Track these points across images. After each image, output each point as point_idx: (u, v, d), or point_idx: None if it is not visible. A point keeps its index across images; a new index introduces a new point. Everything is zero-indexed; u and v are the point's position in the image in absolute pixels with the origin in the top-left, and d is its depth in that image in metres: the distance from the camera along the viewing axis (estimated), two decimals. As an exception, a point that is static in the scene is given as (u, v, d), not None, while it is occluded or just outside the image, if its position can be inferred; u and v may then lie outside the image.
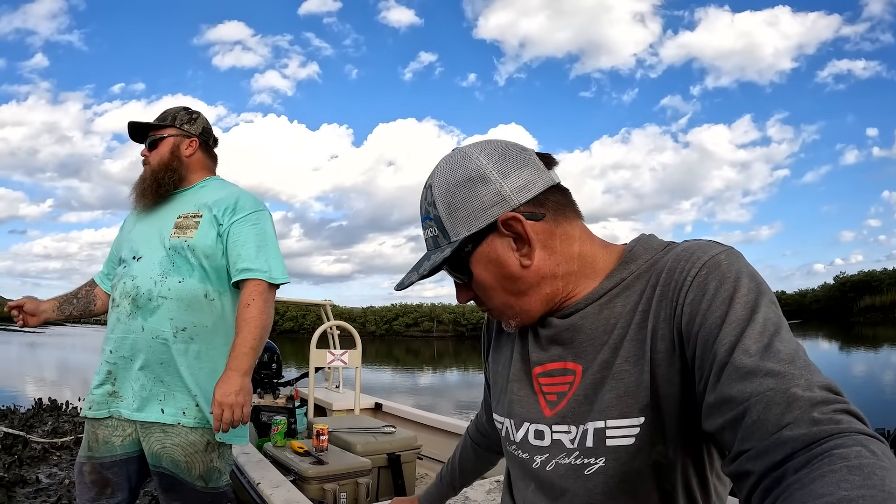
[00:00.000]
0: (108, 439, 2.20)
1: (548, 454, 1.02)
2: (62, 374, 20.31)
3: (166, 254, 2.25)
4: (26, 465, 6.11)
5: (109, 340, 2.26)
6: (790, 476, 0.63)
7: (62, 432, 7.67)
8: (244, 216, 2.31)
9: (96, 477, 2.19)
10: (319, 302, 6.92)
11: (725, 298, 0.83)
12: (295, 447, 3.55)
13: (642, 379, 0.91)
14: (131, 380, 2.21)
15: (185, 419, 2.18)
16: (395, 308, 59.69)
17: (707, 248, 0.91)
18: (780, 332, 0.78)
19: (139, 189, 2.40)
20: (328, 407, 5.54)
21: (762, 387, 0.72)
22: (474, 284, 1.06)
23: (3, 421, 8.42)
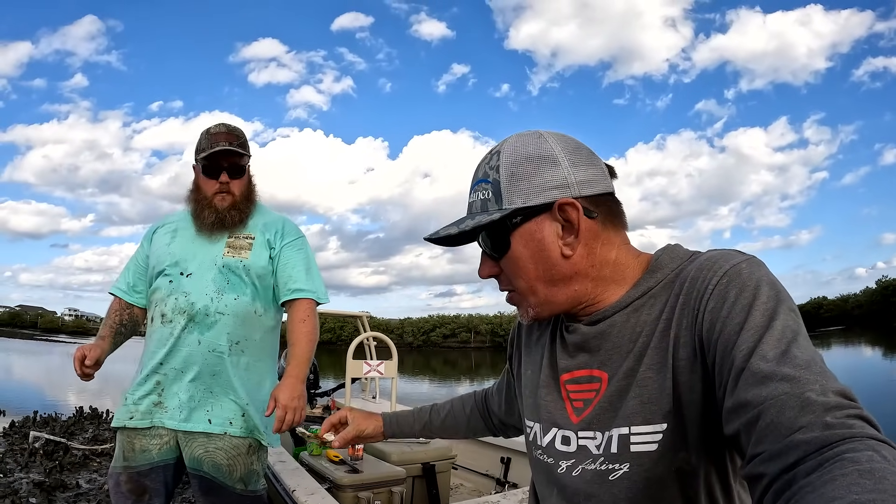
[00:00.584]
0: (146, 448, 2.25)
1: (574, 460, 1.03)
2: (102, 383, 20.58)
3: (219, 271, 2.34)
4: (67, 471, 6.22)
5: (156, 353, 2.29)
6: (801, 479, 0.63)
7: (102, 439, 7.80)
8: (292, 241, 2.48)
9: (134, 485, 2.24)
10: (356, 314, 6.97)
11: (745, 306, 0.84)
12: (330, 456, 3.56)
13: (665, 386, 0.92)
14: (179, 391, 2.27)
15: (232, 429, 2.27)
16: (432, 319, 59.85)
17: (729, 258, 0.92)
18: (798, 339, 0.79)
19: (215, 218, 2.37)
20: None
21: (777, 391, 0.72)
22: (506, 260, 1.04)
23: (45, 428, 8.58)
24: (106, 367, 2.43)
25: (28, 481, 5.65)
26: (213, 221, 2.36)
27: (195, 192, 2.44)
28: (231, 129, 2.41)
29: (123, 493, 2.24)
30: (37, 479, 5.73)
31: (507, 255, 1.03)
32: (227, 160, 2.36)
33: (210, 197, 2.37)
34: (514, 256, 1.03)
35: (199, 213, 2.39)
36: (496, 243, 1.04)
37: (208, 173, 2.37)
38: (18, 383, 19.22)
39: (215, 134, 2.37)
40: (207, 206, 2.37)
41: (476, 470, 4.37)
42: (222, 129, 2.40)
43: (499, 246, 1.04)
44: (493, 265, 1.07)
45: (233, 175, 2.38)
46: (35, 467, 6.29)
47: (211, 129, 2.41)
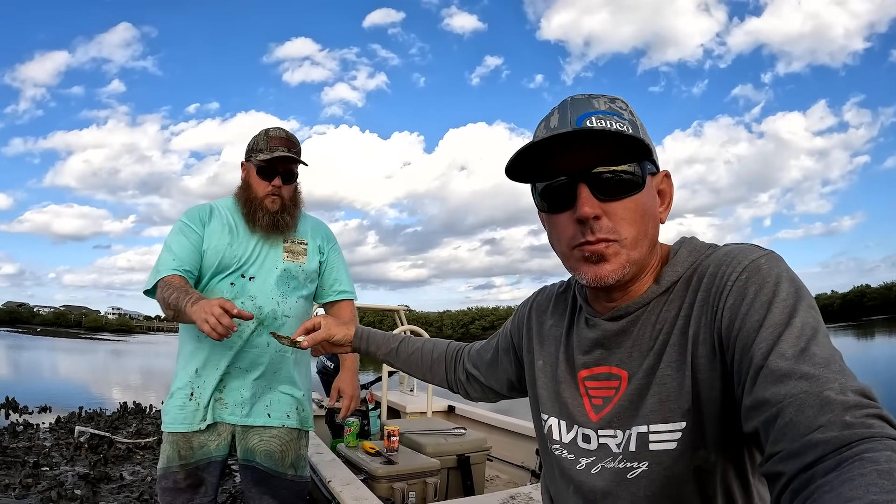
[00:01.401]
0: (204, 444, 2.36)
1: (594, 458, 1.02)
2: (146, 379, 20.97)
3: (281, 275, 2.44)
4: (111, 464, 6.35)
5: (224, 354, 2.33)
6: (819, 478, 0.62)
7: (145, 433, 7.94)
8: (333, 245, 2.67)
9: (192, 480, 2.33)
10: (394, 307, 7.00)
11: (764, 302, 0.83)
12: (367, 448, 3.58)
13: (684, 384, 0.92)
14: (242, 389, 2.38)
15: (289, 421, 2.43)
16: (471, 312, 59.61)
17: (748, 252, 0.92)
18: (817, 336, 0.78)
19: (269, 220, 2.40)
20: (402, 409, 5.58)
21: (796, 389, 0.72)
22: (626, 203, 0.95)
23: (90, 423, 8.76)
24: (148, 363, 2.47)
25: (73, 474, 5.79)
26: (267, 224, 2.40)
27: (245, 191, 2.44)
28: (290, 136, 2.45)
29: (181, 488, 2.32)
30: (82, 471, 5.87)
31: (631, 198, 0.95)
32: (283, 166, 2.40)
33: (261, 198, 2.40)
34: (640, 202, 0.96)
35: (250, 212, 2.41)
36: (631, 179, 0.96)
37: (263, 175, 2.39)
38: (64, 380, 19.62)
39: (275, 138, 2.41)
40: (259, 208, 2.40)
41: (511, 461, 4.36)
42: (282, 134, 2.44)
43: (631, 183, 0.96)
44: (598, 204, 0.95)
45: (286, 181, 2.41)
46: (80, 460, 6.44)
47: (270, 131, 2.44)
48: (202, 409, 2.33)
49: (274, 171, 2.38)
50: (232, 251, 2.38)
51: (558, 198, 0.98)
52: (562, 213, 0.99)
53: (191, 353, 2.40)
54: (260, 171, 2.39)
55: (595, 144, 0.94)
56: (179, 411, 2.33)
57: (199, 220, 2.42)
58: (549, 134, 0.93)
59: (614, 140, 0.93)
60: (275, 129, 2.45)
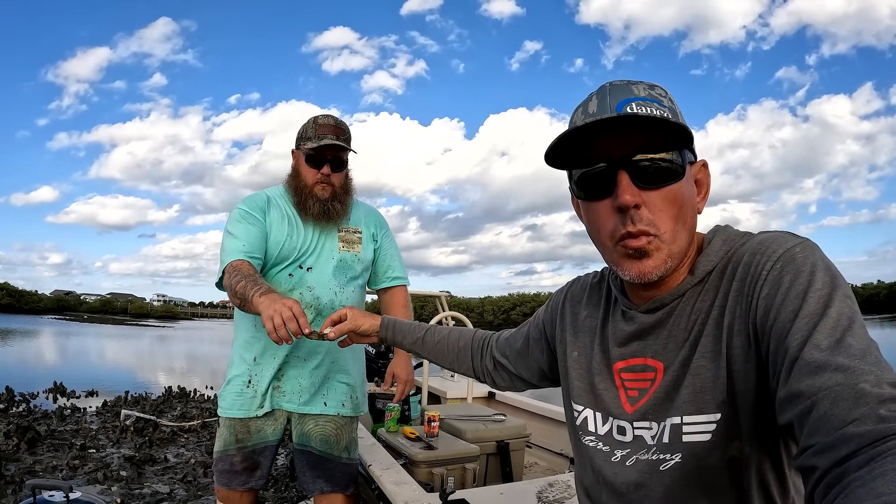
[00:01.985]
0: (261, 428, 2.42)
1: (629, 450, 1.02)
2: (190, 364, 21.33)
3: (337, 265, 2.46)
4: (156, 446, 6.47)
5: (284, 345, 2.23)
6: (852, 472, 0.61)
7: (190, 417, 8.08)
8: (386, 232, 2.67)
9: (249, 463, 2.40)
10: (435, 293, 7.01)
11: (800, 293, 0.82)
12: (407, 433, 3.60)
13: (719, 375, 0.91)
14: (300, 377, 2.42)
15: (344, 409, 2.48)
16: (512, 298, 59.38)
17: (782, 241, 0.90)
18: (853, 327, 0.76)
19: (320, 208, 2.41)
20: (442, 395, 5.59)
21: (830, 381, 0.70)
22: (664, 193, 0.93)
23: (136, 407, 8.95)
24: (193, 349, 2.51)
25: (119, 456, 5.91)
26: (318, 212, 2.41)
27: (295, 179, 2.45)
28: (339, 123, 2.44)
29: (237, 470, 2.38)
30: (127, 453, 5.99)
31: (670, 187, 0.94)
32: (332, 153, 2.40)
33: (311, 186, 2.40)
34: (679, 192, 0.94)
35: (301, 201, 2.42)
36: (671, 167, 0.94)
37: (312, 163, 2.40)
38: (111, 365, 20.04)
39: (323, 126, 2.41)
40: (310, 196, 2.41)
41: (550, 448, 4.34)
42: (330, 121, 2.43)
43: (672, 171, 0.94)
44: (637, 192, 0.93)
45: (335, 168, 2.41)
46: (126, 443, 6.58)
47: (319, 118, 2.44)
48: (259, 396, 2.38)
49: (322, 159, 2.39)
50: (291, 242, 2.40)
51: (597, 185, 0.97)
52: (600, 202, 0.97)
53: (248, 341, 2.43)
54: (309, 159, 2.40)
55: (635, 131, 0.92)
56: (237, 398, 2.39)
57: (260, 209, 2.40)
58: (590, 119, 0.92)
59: (655, 127, 0.91)
60: (323, 117, 2.45)
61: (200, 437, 6.99)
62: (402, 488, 2.48)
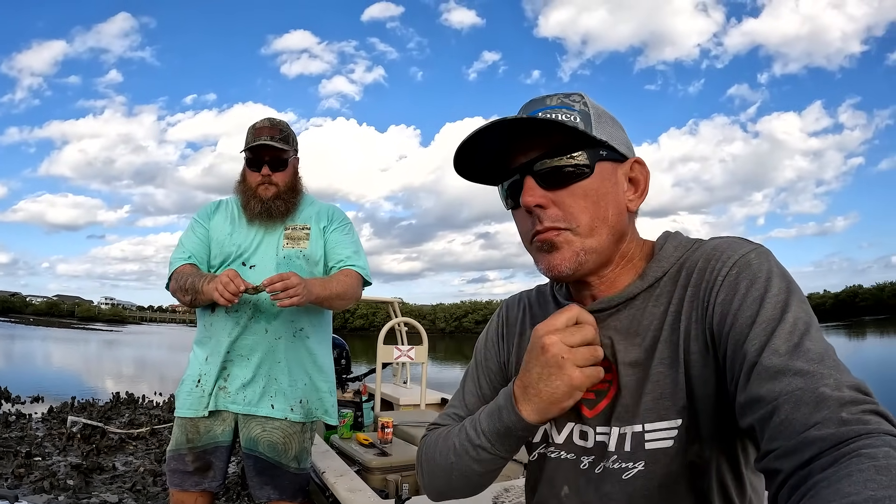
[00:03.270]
0: (210, 429, 2.42)
1: (594, 456, 0.99)
2: (138, 369, 20.95)
3: (280, 262, 2.45)
4: (103, 454, 6.34)
5: (222, 342, 2.40)
6: (817, 474, 0.62)
7: (138, 424, 7.93)
8: (339, 225, 2.61)
9: (201, 463, 2.39)
10: (388, 299, 6.99)
11: (756, 298, 0.83)
12: (360, 439, 3.60)
13: (678, 381, 0.92)
14: (243, 376, 2.41)
15: (293, 415, 2.43)
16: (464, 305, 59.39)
17: (737, 247, 0.92)
18: (810, 331, 0.78)
19: (261, 208, 2.46)
20: (395, 402, 5.59)
21: (791, 386, 0.72)
22: (574, 189, 0.94)
23: (83, 413, 8.75)
24: (141, 354, 2.49)
25: (66, 464, 5.78)
26: (259, 211, 2.46)
27: (241, 183, 2.54)
28: (274, 124, 2.51)
29: (189, 470, 2.38)
30: (74, 461, 5.86)
31: (578, 185, 0.94)
32: (269, 154, 2.46)
33: (254, 187, 2.47)
34: (590, 188, 0.95)
35: (246, 202, 2.50)
36: (575, 167, 0.94)
37: (251, 165, 2.49)
38: (57, 370, 19.56)
39: (259, 128, 2.48)
40: (253, 197, 2.47)
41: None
42: (266, 123, 2.51)
43: (577, 171, 0.94)
44: (543, 193, 0.94)
45: (274, 168, 2.47)
46: (73, 451, 6.43)
47: (256, 123, 2.52)
48: (206, 395, 2.39)
49: (260, 160, 2.46)
50: (232, 240, 2.48)
51: (514, 194, 1.00)
52: (518, 209, 1.01)
53: (200, 340, 2.49)
54: (249, 163, 2.49)
55: (539, 137, 0.95)
56: (187, 397, 2.41)
57: (207, 216, 2.57)
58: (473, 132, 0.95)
59: (560, 132, 0.93)
60: (261, 121, 2.54)
61: (149, 445, 6.87)
62: (356, 495, 2.49)
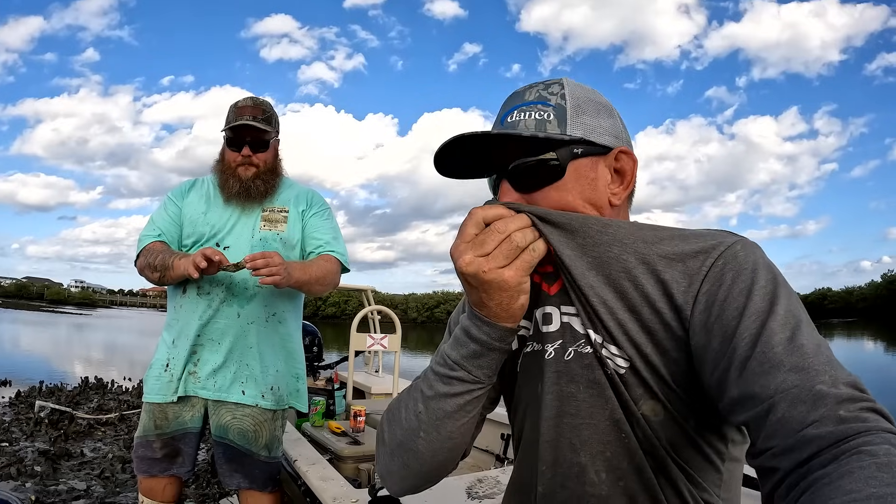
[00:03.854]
0: (179, 415, 2.37)
1: (561, 340, 0.95)
2: (108, 354, 20.75)
3: (256, 244, 2.40)
4: (71, 440, 6.27)
5: (191, 325, 2.35)
6: (816, 471, 0.62)
7: (107, 409, 7.87)
8: (318, 210, 2.57)
9: (169, 449, 2.35)
10: (362, 287, 6.95)
11: (743, 290, 0.81)
12: (332, 427, 3.59)
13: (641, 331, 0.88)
14: (213, 361, 2.36)
15: (264, 402, 2.39)
16: (436, 295, 59.33)
17: (721, 238, 0.90)
18: (801, 325, 0.76)
19: (240, 187, 2.41)
20: (367, 390, 5.58)
21: (786, 383, 0.70)
22: (549, 191, 0.93)
23: (51, 398, 8.66)
24: (111, 338, 2.45)
25: (33, 450, 5.71)
26: (238, 191, 2.41)
27: (220, 163, 2.49)
28: (258, 104, 2.47)
29: (157, 457, 2.34)
30: (42, 447, 5.79)
31: (551, 186, 0.93)
32: (250, 134, 2.41)
33: (234, 167, 2.43)
34: (565, 188, 0.93)
35: (224, 182, 2.44)
36: (546, 170, 0.93)
37: (232, 145, 2.44)
38: (25, 354, 19.31)
39: (241, 107, 2.44)
40: (232, 176, 2.42)
41: (476, 445, 4.38)
42: (249, 102, 2.47)
43: (548, 173, 0.93)
44: (518, 197, 0.94)
45: (255, 149, 2.43)
46: (40, 436, 6.35)
47: (238, 102, 2.48)
48: (175, 380, 2.34)
49: (241, 140, 2.41)
50: (206, 219, 2.42)
51: (495, 193, 1.01)
52: None
53: (169, 323, 2.45)
54: (229, 142, 2.44)
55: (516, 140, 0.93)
56: (156, 382, 2.36)
57: (181, 193, 2.51)
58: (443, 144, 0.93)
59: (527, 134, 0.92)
60: (243, 100, 2.49)
61: (118, 431, 6.81)
62: (329, 484, 2.47)
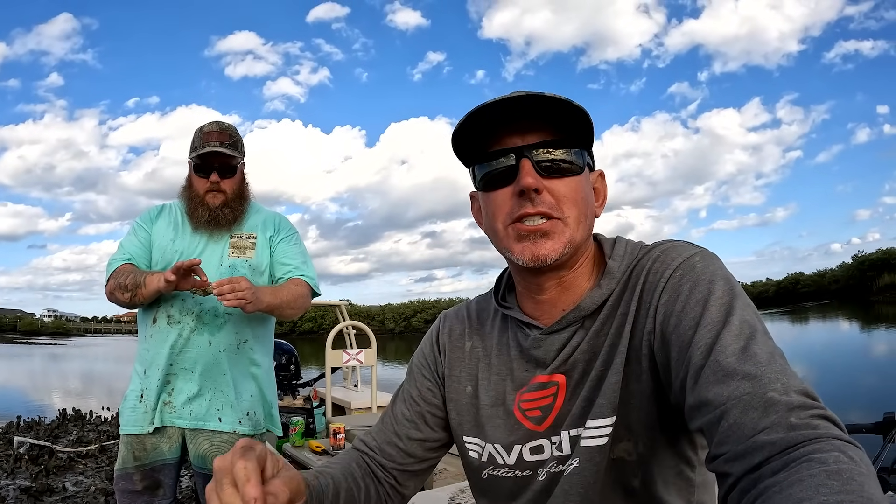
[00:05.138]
0: (157, 446, 2.33)
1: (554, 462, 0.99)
2: (85, 383, 20.50)
3: (225, 271, 2.37)
4: (53, 475, 6.20)
5: (161, 354, 2.31)
6: (767, 478, 0.63)
7: (87, 441, 7.77)
8: (287, 235, 2.54)
9: (150, 482, 2.31)
10: (335, 302, 6.97)
11: (700, 300, 0.84)
12: (313, 446, 3.61)
13: (615, 380, 0.92)
14: (188, 390, 2.33)
15: (241, 427, 2.36)
16: (413, 304, 58.97)
17: (681, 250, 0.93)
18: (756, 335, 0.78)
19: (209, 216, 2.39)
20: (347, 406, 5.57)
21: (739, 390, 0.72)
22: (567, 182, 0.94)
23: (29, 432, 8.53)
24: (88, 367, 2.44)
25: (14, 487, 5.64)
26: (207, 219, 2.38)
27: (188, 190, 2.45)
28: (224, 129, 2.43)
29: (138, 490, 2.30)
30: (23, 484, 5.72)
31: (571, 178, 0.95)
32: (218, 160, 2.38)
33: (202, 195, 2.39)
34: (579, 185, 0.96)
35: (192, 210, 2.41)
36: (570, 162, 0.95)
37: (199, 172, 2.40)
38: (1, 388, 19.03)
39: (208, 133, 2.40)
40: (200, 204, 2.39)
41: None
42: (215, 128, 2.42)
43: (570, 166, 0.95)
44: (539, 178, 0.93)
45: (223, 175, 2.40)
46: (21, 473, 6.27)
47: (204, 127, 2.44)
48: (150, 411, 2.31)
49: (209, 167, 2.38)
50: (174, 247, 2.39)
51: (500, 175, 0.96)
52: (500, 189, 0.96)
53: (140, 353, 2.40)
54: (197, 169, 2.40)
55: (540, 123, 0.94)
56: (131, 413, 2.33)
57: (150, 219, 2.48)
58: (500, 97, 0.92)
59: (557, 124, 0.94)
60: (209, 124, 2.45)
61: (99, 463, 6.75)
62: None
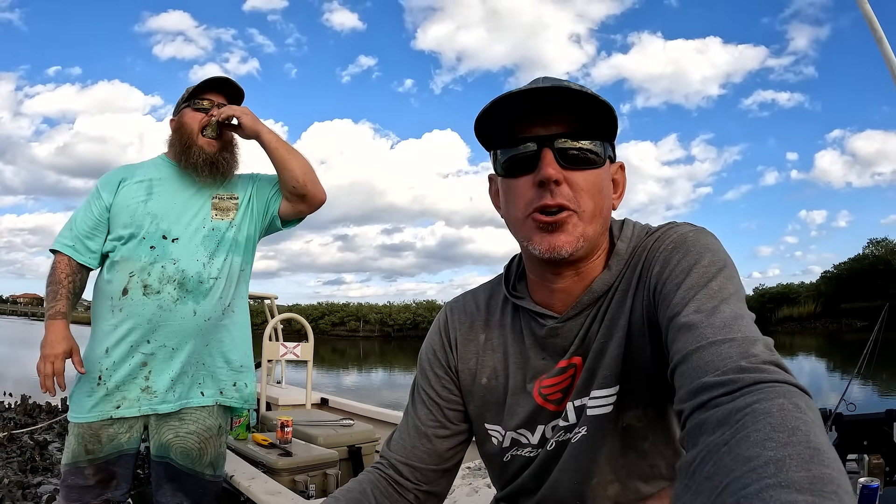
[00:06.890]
0: (115, 437, 2.17)
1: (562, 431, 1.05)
2: None
3: (207, 234, 2.25)
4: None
5: (136, 330, 2.15)
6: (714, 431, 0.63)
7: None
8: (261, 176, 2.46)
9: (103, 475, 2.16)
10: (268, 295, 6.83)
11: (685, 268, 0.89)
12: (258, 440, 3.57)
13: (617, 352, 0.99)
14: (172, 371, 2.18)
15: (223, 398, 2.27)
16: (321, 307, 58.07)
17: (679, 228, 0.99)
18: (730, 298, 0.83)
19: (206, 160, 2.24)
20: (274, 402, 5.51)
21: (701, 339, 0.76)
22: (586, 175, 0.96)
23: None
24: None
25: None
26: (203, 161, 2.23)
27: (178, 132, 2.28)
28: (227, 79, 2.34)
29: (90, 484, 2.15)
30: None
31: (591, 171, 0.97)
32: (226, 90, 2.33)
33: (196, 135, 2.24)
34: (598, 178, 0.98)
35: (185, 150, 2.25)
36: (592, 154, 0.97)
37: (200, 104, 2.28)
38: None
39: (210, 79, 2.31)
40: (195, 145, 2.23)
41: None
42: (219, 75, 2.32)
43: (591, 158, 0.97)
44: (560, 169, 0.94)
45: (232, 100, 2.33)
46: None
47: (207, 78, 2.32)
48: (114, 392, 2.15)
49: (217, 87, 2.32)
50: (147, 209, 2.21)
51: (521, 163, 0.97)
52: (521, 178, 0.97)
53: (100, 331, 2.20)
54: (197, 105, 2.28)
55: (563, 113, 0.96)
56: (87, 398, 2.15)
57: (109, 187, 2.28)
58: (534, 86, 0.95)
59: (581, 114, 0.95)
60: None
61: (10, 454, 6.44)
62: (278, 498, 2.48)
